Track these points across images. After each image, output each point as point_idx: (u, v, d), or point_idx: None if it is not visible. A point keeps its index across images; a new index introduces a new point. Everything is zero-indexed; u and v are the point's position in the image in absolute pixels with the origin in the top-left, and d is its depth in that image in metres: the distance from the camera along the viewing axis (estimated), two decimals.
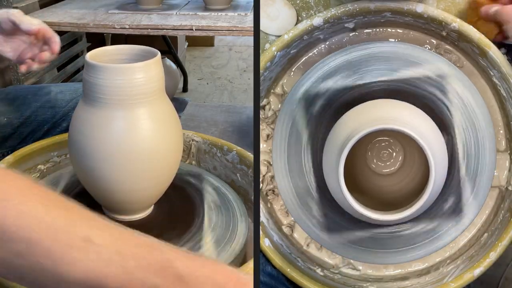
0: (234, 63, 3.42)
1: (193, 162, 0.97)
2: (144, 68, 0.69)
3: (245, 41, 3.71)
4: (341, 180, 0.68)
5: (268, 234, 0.82)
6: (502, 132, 0.80)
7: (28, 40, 0.96)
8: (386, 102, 0.76)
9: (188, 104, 2.23)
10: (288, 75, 0.84)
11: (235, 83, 3.07)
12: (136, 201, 0.75)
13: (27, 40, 0.96)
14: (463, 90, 0.77)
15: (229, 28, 1.54)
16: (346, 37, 0.82)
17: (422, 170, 0.78)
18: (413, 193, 0.77)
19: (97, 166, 0.70)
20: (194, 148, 0.97)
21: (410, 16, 0.77)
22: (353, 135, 0.68)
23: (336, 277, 0.83)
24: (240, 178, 0.91)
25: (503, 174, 0.80)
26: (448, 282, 0.78)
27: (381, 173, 0.80)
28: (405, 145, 0.79)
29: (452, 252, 0.82)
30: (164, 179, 0.76)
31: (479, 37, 0.75)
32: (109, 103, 0.69)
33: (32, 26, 0.92)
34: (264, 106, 0.84)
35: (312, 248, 0.85)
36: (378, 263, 0.81)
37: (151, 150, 0.70)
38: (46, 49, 0.94)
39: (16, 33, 0.96)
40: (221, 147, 0.93)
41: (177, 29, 1.56)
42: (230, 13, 1.67)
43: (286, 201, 0.81)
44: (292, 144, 0.81)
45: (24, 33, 0.94)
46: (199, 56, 3.52)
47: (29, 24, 0.92)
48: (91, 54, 0.73)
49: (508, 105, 0.77)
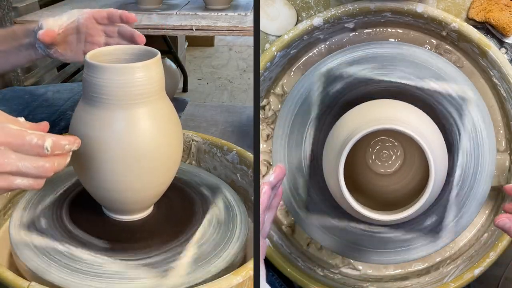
0: (234, 63, 3.42)
1: (193, 162, 0.97)
2: (144, 68, 0.69)
3: (245, 41, 3.71)
4: (341, 180, 0.68)
5: (268, 234, 0.82)
6: (502, 132, 0.80)
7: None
8: (386, 102, 0.76)
9: (188, 104, 2.23)
10: (288, 75, 0.84)
11: (235, 83, 3.06)
12: (136, 201, 0.75)
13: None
14: (479, 119, 0.76)
15: (229, 28, 1.54)
16: (346, 37, 0.82)
17: (422, 170, 0.78)
18: (413, 193, 0.77)
19: (97, 166, 0.70)
20: (194, 148, 0.97)
21: (410, 16, 0.77)
22: (353, 135, 0.68)
23: (336, 277, 0.83)
24: (240, 178, 0.91)
25: (503, 174, 0.80)
26: (448, 282, 0.78)
27: (381, 173, 0.80)
28: (405, 145, 0.79)
29: (452, 252, 0.82)
30: (164, 179, 0.76)
31: (479, 37, 0.75)
32: (109, 103, 0.69)
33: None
34: (264, 106, 0.84)
35: (312, 248, 0.85)
36: (351, 256, 0.82)
37: (151, 150, 0.70)
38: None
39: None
40: (221, 147, 0.93)
41: (177, 29, 1.56)
42: (230, 13, 1.67)
43: (286, 201, 0.81)
44: (292, 144, 0.81)
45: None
46: (199, 56, 3.52)
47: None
48: (91, 54, 0.73)
49: (508, 105, 0.77)
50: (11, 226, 0.74)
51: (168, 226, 0.77)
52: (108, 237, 0.73)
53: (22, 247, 0.70)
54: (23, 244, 0.71)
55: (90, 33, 0.89)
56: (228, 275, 0.64)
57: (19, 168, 0.58)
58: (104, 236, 0.73)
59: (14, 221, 0.75)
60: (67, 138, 0.61)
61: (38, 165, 0.59)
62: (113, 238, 0.73)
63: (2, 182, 0.58)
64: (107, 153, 0.69)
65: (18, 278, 0.62)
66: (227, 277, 0.63)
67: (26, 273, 0.68)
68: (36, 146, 0.58)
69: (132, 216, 0.77)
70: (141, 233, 0.75)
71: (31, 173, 0.59)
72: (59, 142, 0.60)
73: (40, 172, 0.59)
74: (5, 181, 0.58)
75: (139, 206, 0.77)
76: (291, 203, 0.81)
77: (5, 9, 1.53)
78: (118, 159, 0.69)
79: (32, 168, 0.58)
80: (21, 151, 0.58)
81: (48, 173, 0.59)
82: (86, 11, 0.89)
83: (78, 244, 0.71)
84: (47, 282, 0.65)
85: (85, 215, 0.77)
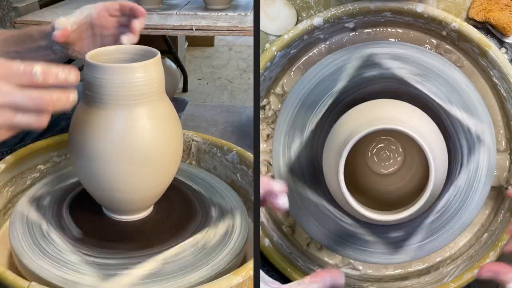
0: (234, 63, 3.42)
1: (193, 162, 0.97)
2: (144, 68, 0.69)
3: (245, 41, 3.70)
4: (341, 180, 0.68)
5: (268, 234, 0.82)
6: (502, 132, 0.80)
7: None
8: (386, 102, 0.76)
9: (188, 104, 2.23)
10: (288, 75, 0.84)
11: (235, 83, 3.06)
12: (136, 201, 0.75)
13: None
14: (484, 163, 0.76)
15: (229, 28, 1.54)
16: (346, 37, 0.82)
17: (422, 170, 0.78)
18: (413, 193, 0.77)
19: (97, 166, 0.70)
20: (194, 148, 0.97)
21: (410, 16, 0.77)
22: (353, 135, 0.68)
23: None
24: (240, 178, 0.91)
25: (503, 174, 0.80)
26: (448, 282, 0.78)
27: (381, 173, 0.80)
28: (405, 145, 0.79)
29: (452, 252, 0.82)
30: (164, 179, 0.76)
31: (479, 37, 0.75)
32: (109, 103, 0.69)
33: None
34: (264, 106, 0.84)
35: (312, 248, 0.85)
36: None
37: (151, 150, 0.70)
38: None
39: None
40: (221, 147, 0.93)
41: (177, 29, 1.56)
42: (230, 13, 1.67)
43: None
44: (292, 144, 0.81)
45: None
46: (199, 56, 3.52)
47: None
48: (91, 54, 0.73)
49: (508, 105, 0.77)
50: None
51: (168, 226, 0.77)
52: (108, 237, 0.73)
53: (18, 215, 0.76)
54: (20, 213, 0.76)
55: (104, 26, 0.88)
56: (228, 275, 0.64)
57: (14, 101, 0.55)
58: (104, 235, 0.73)
59: (28, 193, 0.82)
60: (61, 66, 0.57)
61: (33, 96, 0.55)
62: (113, 238, 0.73)
63: (1, 117, 0.55)
64: (107, 153, 0.69)
65: (18, 278, 0.62)
66: (227, 277, 0.63)
67: (26, 273, 0.68)
68: (24, 73, 0.55)
69: (132, 216, 0.77)
70: (139, 233, 0.75)
71: (28, 106, 0.55)
72: (50, 69, 0.56)
73: (38, 105, 0.56)
74: (5, 116, 0.55)
75: (139, 206, 0.77)
76: (291, 203, 0.80)
77: (5, 9, 1.53)
78: (118, 159, 0.69)
79: (28, 100, 0.55)
80: (13, 82, 0.55)
81: (46, 105, 0.56)
82: (98, 4, 0.87)
83: (58, 228, 0.74)
84: (46, 281, 0.65)
85: (85, 215, 0.77)
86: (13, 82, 0.55)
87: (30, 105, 0.56)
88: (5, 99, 0.55)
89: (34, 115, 0.57)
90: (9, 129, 0.57)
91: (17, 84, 0.55)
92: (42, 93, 0.56)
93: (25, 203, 0.79)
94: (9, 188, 0.85)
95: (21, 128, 0.58)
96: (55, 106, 0.57)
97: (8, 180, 0.84)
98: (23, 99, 0.55)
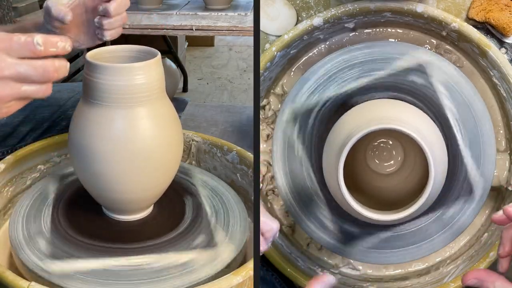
0: (234, 63, 3.42)
1: (193, 162, 0.97)
2: (144, 68, 0.69)
3: (245, 41, 3.70)
4: (341, 180, 0.68)
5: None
6: (502, 132, 0.80)
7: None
8: (386, 102, 0.76)
9: (188, 104, 2.23)
10: (288, 75, 0.84)
11: (235, 83, 3.06)
12: (136, 201, 0.75)
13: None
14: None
15: (229, 28, 1.54)
16: (346, 37, 0.82)
17: (422, 170, 0.78)
18: (413, 193, 0.77)
19: (97, 166, 0.70)
20: (194, 148, 0.97)
21: (410, 16, 0.77)
22: (353, 135, 0.68)
23: (336, 277, 0.83)
24: (240, 178, 0.91)
25: (503, 174, 0.80)
26: (448, 282, 0.78)
27: (381, 173, 0.80)
28: (405, 145, 0.79)
29: (452, 252, 0.82)
30: (164, 179, 0.76)
31: (479, 37, 0.75)
32: (109, 103, 0.69)
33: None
34: (264, 106, 0.84)
35: (312, 248, 0.85)
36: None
37: (151, 150, 0.70)
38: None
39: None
40: (221, 147, 0.93)
41: (177, 29, 1.56)
42: (230, 13, 1.67)
43: (286, 201, 0.81)
44: (292, 144, 0.81)
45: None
46: (199, 56, 3.52)
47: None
48: (91, 54, 0.73)
49: (508, 105, 0.77)
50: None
51: (168, 226, 0.77)
52: (108, 237, 0.73)
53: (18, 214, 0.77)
54: (20, 213, 0.77)
55: (96, 7, 0.80)
56: (228, 275, 0.64)
57: (18, 71, 0.56)
58: (104, 235, 0.74)
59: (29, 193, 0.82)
60: (57, 35, 0.59)
61: (37, 65, 0.57)
62: (113, 237, 0.73)
63: (9, 89, 0.57)
64: (107, 153, 0.69)
65: (18, 278, 0.62)
66: (227, 277, 0.63)
67: (26, 273, 0.68)
68: (25, 43, 0.56)
69: (132, 216, 0.77)
70: (139, 233, 0.75)
71: (33, 76, 0.57)
72: (49, 38, 0.58)
73: (42, 73, 0.57)
74: (12, 89, 0.57)
75: (139, 206, 0.77)
76: (291, 203, 0.80)
77: (5, 9, 1.53)
78: (118, 159, 0.69)
79: (33, 70, 0.57)
80: (15, 54, 0.56)
81: (51, 73, 0.58)
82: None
83: (58, 228, 0.74)
84: (47, 282, 0.65)
85: (85, 215, 0.77)
86: (16, 54, 0.57)
87: (35, 75, 0.57)
88: (10, 71, 0.56)
89: (39, 84, 0.58)
90: (18, 100, 0.59)
91: (20, 55, 0.57)
92: (45, 62, 0.58)
93: (25, 203, 0.79)
94: (9, 188, 0.85)
95: (29, 99, 0.60)
96: (59, 74, 0.59)
97: (8, 180, 0.84)
98: (27, 69, 0.57)
